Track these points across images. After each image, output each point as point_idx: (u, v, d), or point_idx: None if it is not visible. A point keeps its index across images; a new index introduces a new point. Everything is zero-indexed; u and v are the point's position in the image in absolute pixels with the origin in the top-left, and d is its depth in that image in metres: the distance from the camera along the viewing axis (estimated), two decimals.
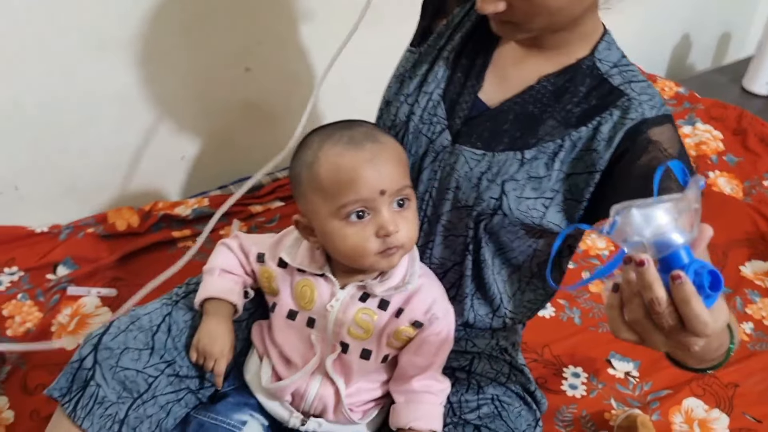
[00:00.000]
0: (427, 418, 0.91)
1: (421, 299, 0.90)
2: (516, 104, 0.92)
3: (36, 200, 1.52)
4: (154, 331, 0.94)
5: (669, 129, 0.88)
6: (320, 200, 0.84)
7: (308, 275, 0.91)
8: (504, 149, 0.91)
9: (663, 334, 0.58)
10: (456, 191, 0.93)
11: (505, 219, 0.91)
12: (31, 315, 1.37)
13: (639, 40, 2.39)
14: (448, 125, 0.93)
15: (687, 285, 0.55)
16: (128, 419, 0.88)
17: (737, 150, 1.96)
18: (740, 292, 1.54)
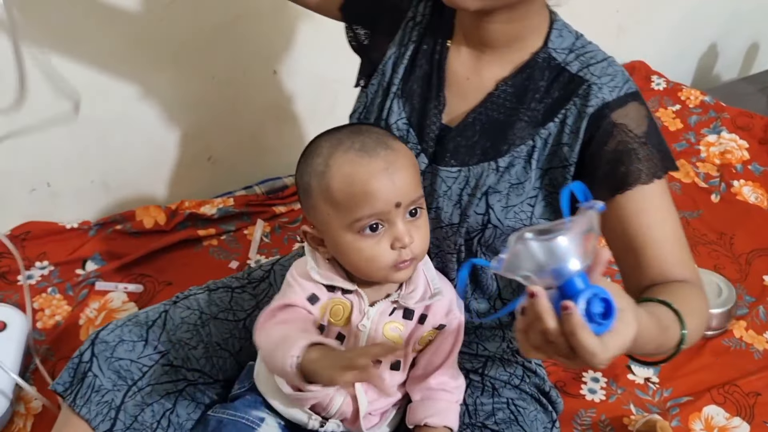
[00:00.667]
0: (443, 414, 0.91)
1: (442, 302, 0.89)
2: (480, 114, 0.90)
3: (67, 197, 1.56)
4: (150, 325, 0.98)
5: (633, 108, 0.86)
6: (332, 212, 0.81)
7: (338, 295, 0.87)
8: (478, 161, 0.90)
9: (563, 354, 0.59)
10: (437, 211, 0.93)
11: (497, 230, 0.92)
12: (60, 308, 1.40)
13: (665, 50, 2.39)
14: (422, 149, 0.92)
15: (573, 317, 0.55)
16: (125, 406, 0.91)
17: (763, 159, 1.94)
18: (763, 301, 1.53)
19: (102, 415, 0.90)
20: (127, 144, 1.57)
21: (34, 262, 1.48)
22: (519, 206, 0.90)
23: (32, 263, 1.48)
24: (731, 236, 1.72)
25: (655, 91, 2.17)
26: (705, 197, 1.85)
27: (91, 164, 1.55)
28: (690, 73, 2.58)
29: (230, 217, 1.65)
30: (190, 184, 1.69)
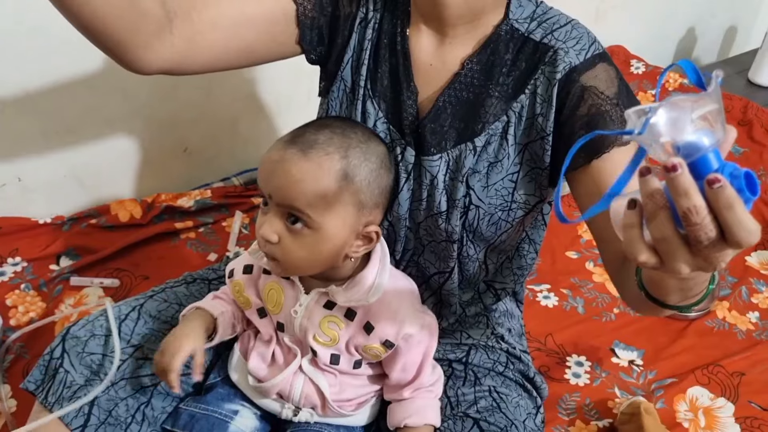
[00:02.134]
0: (422, 412, 0.90)
1: (391, 318, 0.85)
2: (450, 97, 0.89)
3: (39, 191, 1.52)
4: (122, 319, 0.95)
5: (602, 69, 0.84)
6: None
7: (274, 278, 0.88)
8: (455, 144, 0.89)
9: (689, 251, 0.51)
10: (428, 200, 0.92)
11: (479, 210, 0.90)
12: (35, 305, 1.37)
13: (644, 35, 2.39)
14: (406, 143, 0.91)
15: (728, 189, 0.47)
16: (98, 401, 0.89)
17: (742, 141, 1.95)
18: (746, 281, 1.53)
19: (75, 411, 0.88)
20: (99, 137, 1.53)
21: (6, 259, 1.45)
22: (500, 183, 0.89)
23: (4, 260, 1.45)
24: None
25: (634, 75, 2.16)
26: None
27: (62, 158, 1.51)
28: (669, 57, 2.58)
29: (208, 210, 1.63)
30: (166, 176, 1.66)
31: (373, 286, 0.84)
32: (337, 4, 0.92)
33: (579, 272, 1.55)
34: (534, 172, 0.89)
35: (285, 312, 0.87)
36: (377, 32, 0.92)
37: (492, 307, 1.08)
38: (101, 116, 1.51)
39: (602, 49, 0.86)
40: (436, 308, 1.04)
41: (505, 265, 1.02)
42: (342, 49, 0.93)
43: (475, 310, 1.06)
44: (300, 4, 0.90)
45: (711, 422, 1.21)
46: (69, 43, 1.39)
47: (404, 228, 0.95)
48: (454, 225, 0.92)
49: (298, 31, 0.91)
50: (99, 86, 1.48)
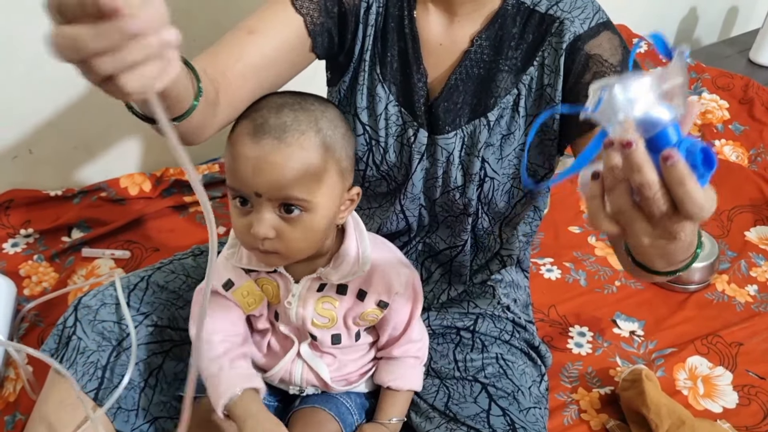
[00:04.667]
0: (406, 378, 0.94)
1: (381, 277, 0.87)
2: (461, 74, 0.90)
3: (50, 163, 1.54)
4: (131, 288, 0.98)
5: (606, 37, 0.86)
6: (227, 173, 0.79)
7: (263, 273, 0.87)
8: (469, 120, 0.91)
9: (649, 222, 0.53)
10: (444, 177, 0.94)
11: (494, 182, 0.93)
12: (47, 275, 1.39)
13: (646, 14, 2.39)
14: (418, 124, 0.93)
15: (681, 164, 0.48)
16: (110, 365, 0.91)
17: (743, 119, 1.97)
18: (745, 255, 1.56)
19: (89, 375, 0.91)
20: (108, 109, 1.54)
21: (19, 230, 1.47)
22: (512, 153, 0.91)
23: (17, 231, 1.47)
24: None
25: (636, 54, 2.18)
26: None
27: (72, 130, 1.53)
28: (671, 37, 2.59)
29: (216, 184, 1.65)
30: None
31: (359, 256, 0.85)
32: (340, 2, 0.91)
33: (581, 246, 1.57)
34: (544, 143, 0.92)
35: (281, 303, 0.88)
36: (383, 17, 0.92)
37: (498, 276, 1.10)
38: None
39: (606, 18, 0.88)
40: (445, 278, 1.07)
41: (514, 236, 1.05)
42: (351, 41, 0.93)
43: (482, 277, 1.08)
44: (306, 15, 0.89)
45: (709, 390, 1.24)
46: None
47: (418, 206, 0.98)
48: (470, 198, 0.94)
49: (311, 41, 0.90)
50: None
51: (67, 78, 1.44)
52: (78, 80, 1.48)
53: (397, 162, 0.96)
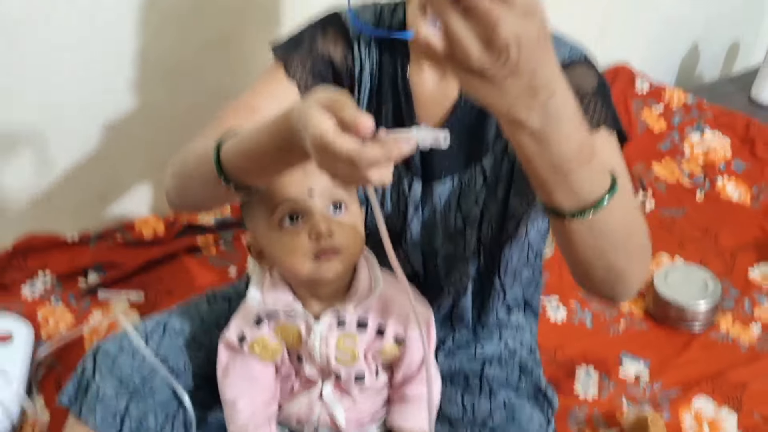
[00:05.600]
0: (417, 418, 0.93)
1: (398, 312, 0.89)
2: (453, 124, 0.92)
3: (67, 209, 1.58)
4: (149, 334, 1.00)
5: (580, 70, 0.86)
6: (258, 210, 0.81)
7: (282, 316, 0.88)
8: (465, 166, 0.94)
9: (461, 12, 0.51)
10: (443, 222, 0.96)
11: (492, 222, 0.96)
12: (64, 319, 1.43)
13: (647, 52, 2.43)
14: (412, 175, 0.95)
15: None
16: (129, 412, 0.93)
17: (745, 157, 2.00)
18: (749, 294, 1.58)
19: (107, 422, 0.92)
20: (123, 156, 1.59)
21: (37, 274, 1.51)
22: (505, 194, 0.94)
23: (35, 275, 1.51)
24: (716, 233, 1.77)
25: (638, 94, 2.22)
26: (690, 196, 1.91)
27: (89, 177, 1.57)
28: (673, 74, 2.63)
29: (227, 225, 1.69)
30: None
31: (371, 281, 0.87)
32: (333, 65, 0.94)
33: None
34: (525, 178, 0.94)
35: (302, 344, 0.89)
36: (377, 77, 0.95)
37: (505, 320, 1.13)
38: (124, 136, 1.57)
39: (584, 56, 0.89)
40: (448, 321, 1.09)
41: (516, 278, 1.08)
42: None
43: (487, 321, 1.11)
44: (299, 80, 0.91)
45: None
46: (96, 70, 1.46)
47: (420, 254, 1.00)
48: (469, 242, 0.97)
49: None
50: (124, 109, 1.54)
51: (83, 128, 1.50)
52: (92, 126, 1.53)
53: (395, 212, 0.98)
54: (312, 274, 0.82)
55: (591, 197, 0.65)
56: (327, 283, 0.85)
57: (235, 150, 0.73)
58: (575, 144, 0.61)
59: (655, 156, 2.04)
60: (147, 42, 1.49)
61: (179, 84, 1.58)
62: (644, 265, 0.77)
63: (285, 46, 0.96)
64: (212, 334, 1.05)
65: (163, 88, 1.56)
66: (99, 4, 1.40)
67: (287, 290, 0.88)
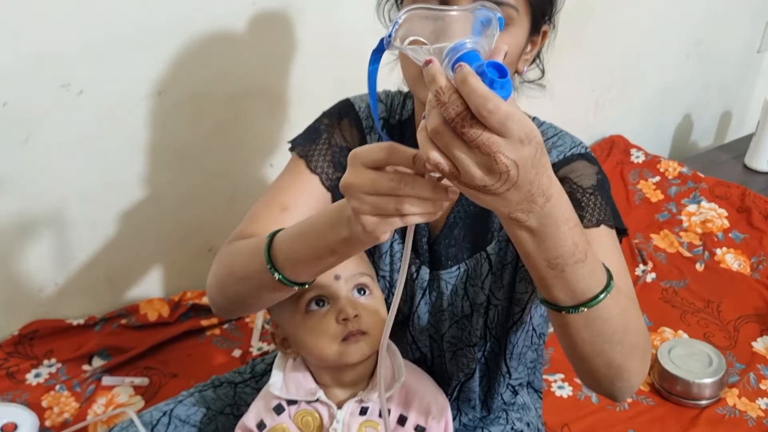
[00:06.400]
0: None
1: (420, 401, 0.91)
2: (458, 213, 0.95)
3: (74, 294, 1.60)
4: (154, 424, 1.01)
5: (581, 165, 0.89)
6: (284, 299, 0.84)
7: (304, 404, 0.90)
8: (471, 255, 0.96)
9: (464, 143, 0.55)
10: (450, 308, 0.98)
11: (498, 307, 0.97)
12: (68, 406, 1.42)
13: (642, 124, 2.50)
14: (420, 262, 0.98)
15: (465, 67, 0.53)
16: None
17: (742, 227, 2.02)
18: (753, 368, 1.57)
19: None
20: (130, 240, 1.62)
21: (42, 360, 1.52)
22: (511, 280, 0.96)
23: (40, 362, 1.51)
24: (718, 304, 1.78)
25: (634, 164, 2.26)
26: (690, 266, 1.92)
27: (96, 261, 1.60)
28: (667, 143, 2.69)
29: None
30: (192, 275, 1.74)
31: (394, 371, 0.90)
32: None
33: None
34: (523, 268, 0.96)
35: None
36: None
37: (511, 401, 1.13)
38: (132, 221, 1.61)
39: (585, 151, 0.92)
40: (455, 404, 1.09)
41: (521, 360, 1.08)
42: None
43: (493, 403, 1.11)
44: (321, 173, 0.96)
45: None
46: (107, 161, 1.51)
47: (428, 337, 1.02)
48: (476, 327, 0.99)
49: (330, 195, 0.96)
50: (133, 195, 1.58)
51: (89, 211, 1.54)
52: (100, 214, 1.56)
53: (403, 296, 1.00)
54: (339, 357, 0.84)
55: (587, 293, 0.68)
56: (352, 367, 0.87)
57: (291, 234, 0.76)
58: (570, 243, 0.64)
59: (653, 227, 2.07)
60: (156, 131, 1.54)
61: (186, 167, 1.62)
62: (643, 363, 0.78)
63: (303, 140, 0.99)
64: (218, 421, 1.05)
65: (170, 172, 1.60)
66: (111, 98, 1.45)
67: (309, 377, 0.90)
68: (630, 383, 0.78)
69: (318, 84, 1.65)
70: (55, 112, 1.40)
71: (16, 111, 1.36)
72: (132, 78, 1.46)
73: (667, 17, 2.34)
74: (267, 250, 0.77)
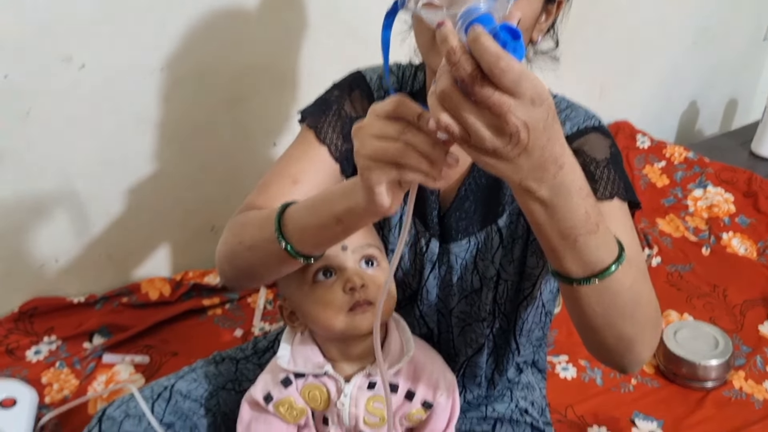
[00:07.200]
0: None
1: (428, 377, 0.90)
2: (469, 185, 0.94)
3: (74, 271, 1.59)
4: (155, 398, 1.00)
5: (594, 137, 0.88)
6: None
7: (311, 378, 0.89)
8: (481, 227, 0.95)
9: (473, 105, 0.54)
10: (460, 282, 0.97)
11: (507, 283, 0.96)
12: (68, 382, 1.41)
13: (647, 109, 2.48)
14: (430, 235, 0.97)
15: (478, 27, 0.52)
16: None
17: (749, 212, 2.01)
18: (760, 351, 1.56)
19: None
20: (131, 218, 1.61)
21: (43, 337, 1.50)
22: (521, 254, 0.95)
23: (40, 338, 1.50)
24: (724, 288, 1.77)
25: (640, 149, 2.24)
26: (696, 251, 1.90)
27: (97, 239, 1.58)
28: (673, 130, 2.67)
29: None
30: (193, 254, 1.73)
31: (403, 345, 0.89)
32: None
33: None
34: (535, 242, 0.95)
35: (332, 406, 0.89)
36: None
37: (515, 379, 1.12)
38: (134, 199, 1.59)
39: (598, 123, 0.91)
40: (460, 381, 1.08)
41: (528, 338, 1.07)
42: None
43: (500, 382, 1.10)
44: (330, 144, 0.94)
45: None
46: (110, 139, 1.49)
47: (436, 312, 1.00)
48: (485, 302, 0.97)
49: (339, 166, 0.95)
50: (135, 173, 1.57)
51: (90, 189, 1.52)
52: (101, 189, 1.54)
53: (411, 270, 0.99)
54: (346, 328, 0.84)
55: (598, 265, 0.68)
56: (360, 340, 0.87)
57: (305, 204, 0.76)
58: (582, 213, 0.64)
59: (659, 212, 2.05)
60: (159, 107, 1.52)
61: (188, 145, 1.61)
62: (654, 335, 0.78)
63: (313, 111, 0.98)
64: (219, 396, 1.04)
65: (172, 149, 1.59)
66: (113, 73, 1.44)
67: (317, 351, 0.89)
68: (640, 356, 0.78)
69: (325, 62, 1.64)
70: (56, 86, 1.39)
71: (18, 84, 1.35)
72: (134, 53, 1.44)
73: (674, 3, 2.32)
74: (278, 218, 0.77)
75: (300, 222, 0.76)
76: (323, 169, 0.95)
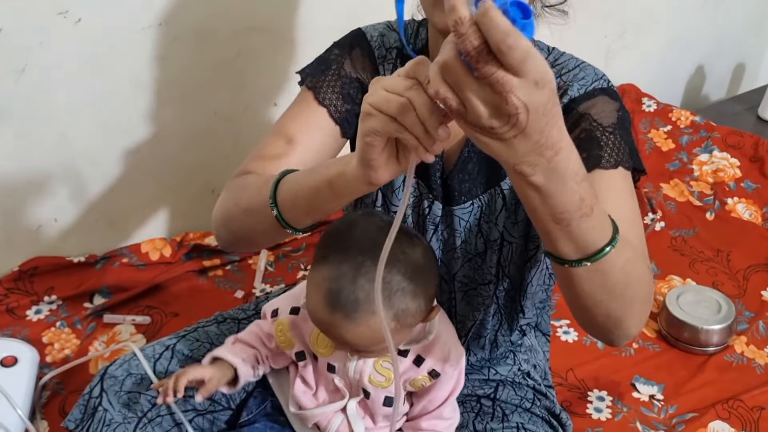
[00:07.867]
0: None
1: (440, 348, 0.90)
2: (473, 146, 0.92)
3: (74, 231, 1.58)
4: (157, 358, 1.00)
5: (602, 101, 0.86)
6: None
7: None
8: (485, 190, 0.94)
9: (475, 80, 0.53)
10: (464, 245, 0.96)
11: (512, 245, 0.95)
12: (69, 342, 1.41)
13: (654, 73, 2.44)
14: (433, 197, 0.95)
15: (488, 2, 0.50)
16: None
17: (755, 176, 1.99)
18: (762, 316, 1.56)
19: None
20: (130, 179, 1.59)
21: (43, 297, 1.50)
22: (525, 216, 0.93)
23: (41, 298, 1.50)
24: (728, 253, 1.76)
25: (645, 113, 2.21)
26: (700, 215, 1.89)
27: (96, 200, 1.57)
28: (679, 95, 2.63)
29: None
30: (194, 216, 1.71)
31: (426, 325, 0.89)
32: (363, 88, 0.95)
33: None
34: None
35: (338, 354, 0.90)
36: None
37: (518, 342, 1.11)
38: (134, 161, 1.57)
39: (607, 85, 0.89)
40: (464, 344, 1.08)
41: (533, 301, 1.06)
42: None
43: (502, 344, 1.09)
44: (329, 105, 0.93)
45: None
46: (108, 98, 1.47)
47: (439, 279, 0.99)
48: (489, 265, 0.96)
49: (339, 129, 0.94)
50: (134, 133, 1.54)
51: (92, 150, 1.50)
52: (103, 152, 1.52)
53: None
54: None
55: (592, 247, 0.67)
56: None
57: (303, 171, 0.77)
58: (576, 197, 0.63)
59: (663, 176, 2.03)
60: (156, 65, 1.50)
61: (187, 105, 1.58)
62: (643, 313, 0.78)
63: (312, 71, 0.97)
64: None
65: (171, 109, 1.56)
66: (110, 28, 1.40)
67: None
68: (628, 332, 0.78)
69: (326, 20, 1.60)
70: (52, 41, 1.36)
71: (12, 38, 1.32)
72: (132, 7, 1.41)
73: None
74: (275, 184, 0.77)
75: (295, 186, 0.76)
76: (320, 130, 0.94)
